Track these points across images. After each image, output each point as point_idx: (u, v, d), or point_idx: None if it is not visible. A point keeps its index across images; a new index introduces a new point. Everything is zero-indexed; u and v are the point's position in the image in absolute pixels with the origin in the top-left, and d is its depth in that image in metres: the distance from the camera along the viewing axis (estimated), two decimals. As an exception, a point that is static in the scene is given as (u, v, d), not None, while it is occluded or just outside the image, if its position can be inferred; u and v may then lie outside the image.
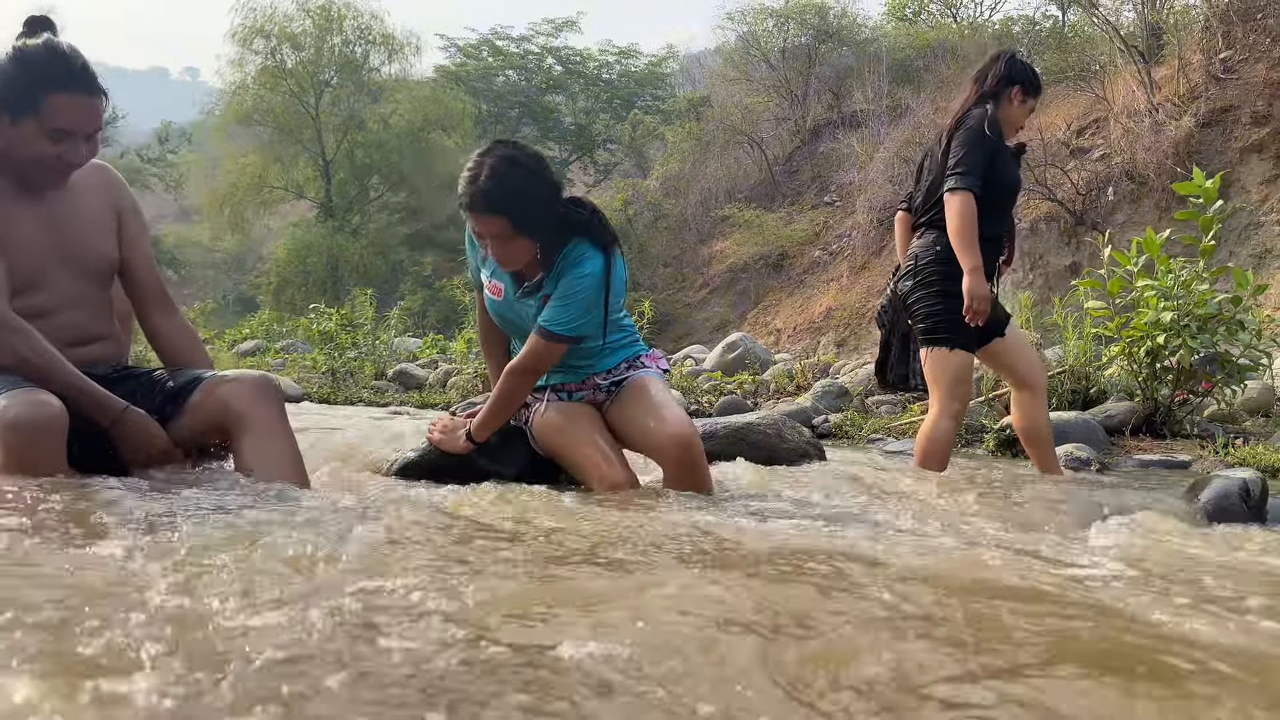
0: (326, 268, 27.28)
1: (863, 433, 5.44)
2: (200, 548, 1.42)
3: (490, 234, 2.51)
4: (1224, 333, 4.55)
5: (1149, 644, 1.12)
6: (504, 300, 2.79)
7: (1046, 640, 1.12)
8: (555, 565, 1.48)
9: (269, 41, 28.43)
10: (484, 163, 2.49)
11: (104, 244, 2.50)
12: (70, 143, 2.26)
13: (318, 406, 7.62)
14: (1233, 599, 1.39)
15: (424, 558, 1.48)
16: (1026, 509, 2.70)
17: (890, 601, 1.25)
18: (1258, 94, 11.80)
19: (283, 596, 1.16)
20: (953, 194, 3.23)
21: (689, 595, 1.26)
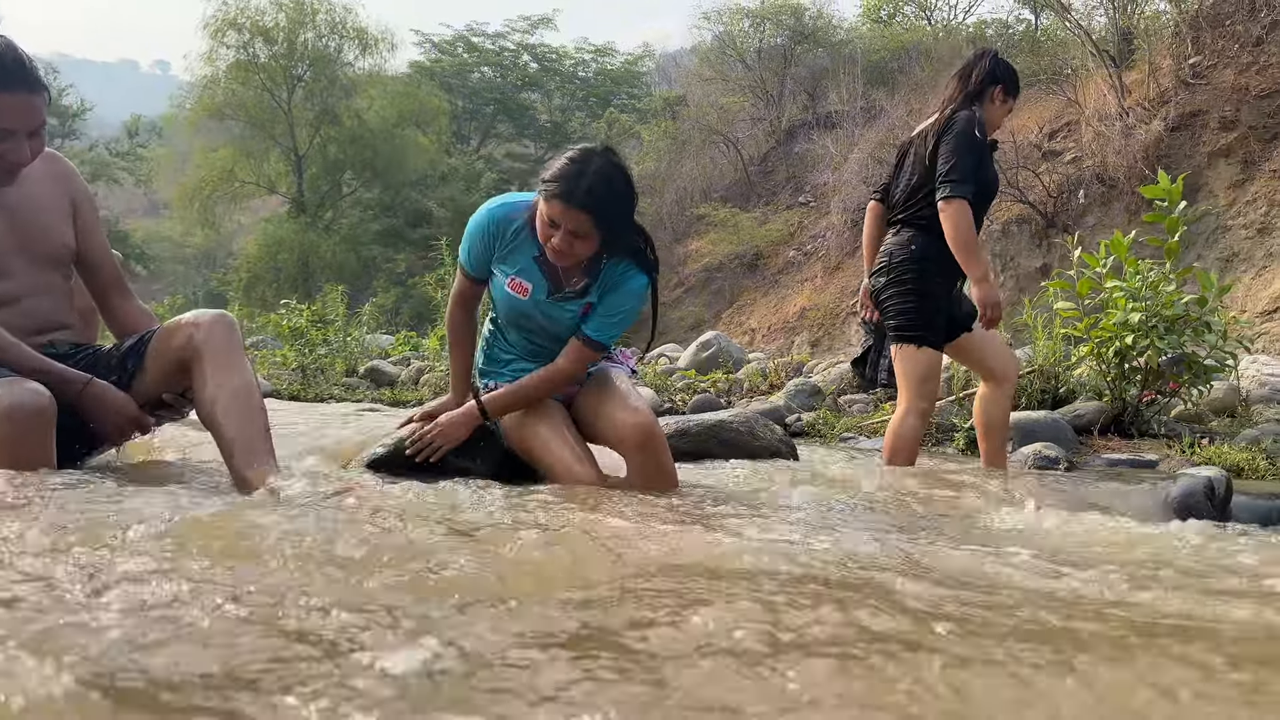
0: (298, 264, 27.07)
1: (835, 431, 5.45)
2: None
3: (569, 228, 2.51)
4: (1191, 334, 4.59)
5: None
6: (530, 300, 2.76)
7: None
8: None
9: (241, 35, 28.15)
10: (592, 160, 2.52)
11: (61, 233, 2.51)
12: (13, 141, 2.24)
13: (285, 403, 7.56)
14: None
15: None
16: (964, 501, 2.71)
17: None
18: (1226, 99, 11.96)
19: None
20: (948, 202, 3.20)
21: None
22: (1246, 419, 5.12)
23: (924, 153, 3.34)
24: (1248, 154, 11.40)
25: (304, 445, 3.35)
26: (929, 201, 3.30)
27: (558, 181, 2.50)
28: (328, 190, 30.62)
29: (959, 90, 3.42)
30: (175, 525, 1.54)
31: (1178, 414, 5.10)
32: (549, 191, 2.51)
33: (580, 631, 1.06)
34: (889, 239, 3.46)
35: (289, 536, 1.48)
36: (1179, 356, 4.60)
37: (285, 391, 8.50)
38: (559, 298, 2.76)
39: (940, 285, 3.36)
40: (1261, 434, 4.48)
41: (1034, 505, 2.45)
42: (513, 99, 35.12)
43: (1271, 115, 11.46)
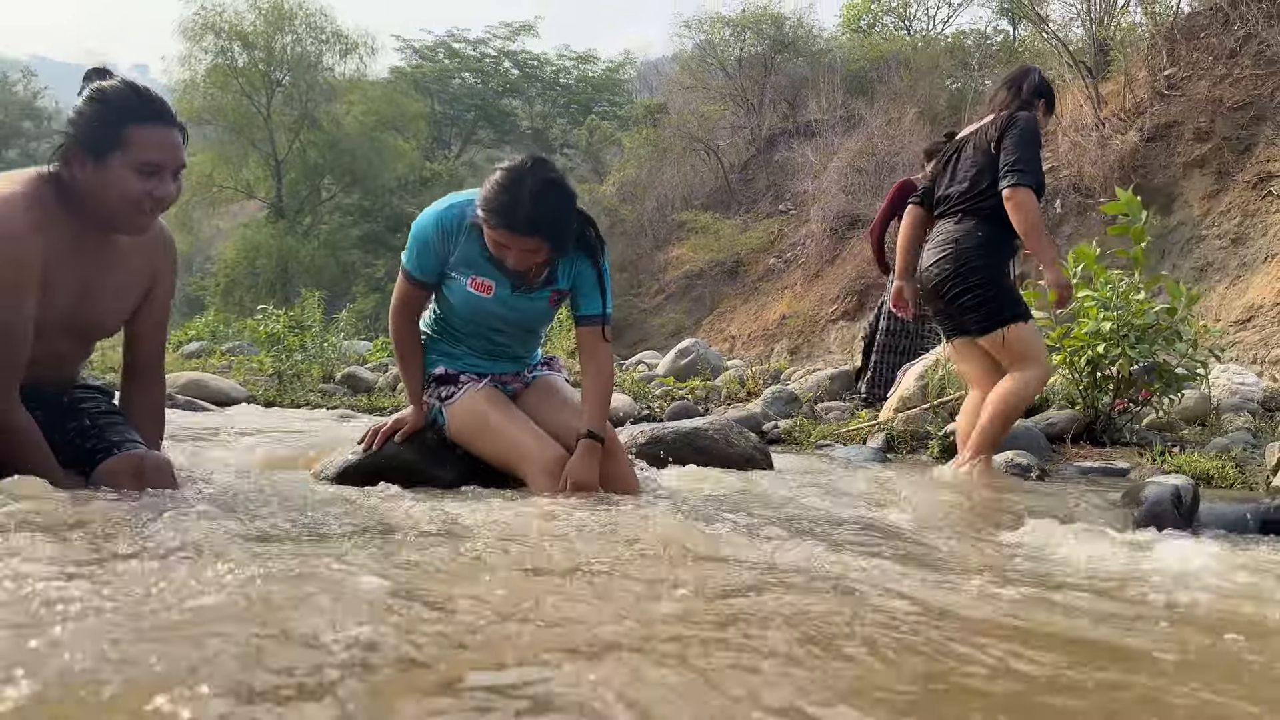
0: (276, 269, 26.89)
1: (811, 438, 5.46)
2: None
3: (522, 249, 2.55)
4: (1162, 343, 4.63)
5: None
6: (493, 298, 2.78)
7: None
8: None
9: (219, 39, 27.97)
10: (525, 182, 2.50)
11: (119, 314, 2.47)
12: (159, 178, 2.21)
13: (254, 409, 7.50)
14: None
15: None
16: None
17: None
18: (1200, 110, 12.08)
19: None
20: (1016, 189, 3.35)
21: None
22: (1217, 427, 5.16)
23: (984, 147, 3.50)
24: (1221, 165, 11.52)
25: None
26: (992, 192, 3.46)
27: (497, 213, 2.51)
28: (307, 195, 30.46)
29: (1011, 97, 3.62)
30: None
31: (1149, 422, 5.13)
32: (492, 221, 2.52)
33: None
34: (949, 227, 3.56)
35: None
36: (1150, 365, 4.63)
37: (261, 398, 8.43)
38: (524, 291, 2.79)
39: (1004, 270, 3.58)
40: (1232, 442, 4.52)
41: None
42: (494, 105, 35.08)
43: (1245, 126, 11.59)
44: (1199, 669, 1.14)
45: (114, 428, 2.45)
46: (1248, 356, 9.34)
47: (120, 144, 2.15)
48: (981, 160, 3.50)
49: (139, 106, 2.18)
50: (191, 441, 3.95)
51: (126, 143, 2.15)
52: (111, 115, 2.16)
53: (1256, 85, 11.74)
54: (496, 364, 2.96)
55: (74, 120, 2.18)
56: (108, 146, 2.15)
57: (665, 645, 1.07)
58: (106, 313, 2.42)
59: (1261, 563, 1.91)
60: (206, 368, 10.79)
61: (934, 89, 19.24)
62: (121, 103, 2.17)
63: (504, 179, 2.52)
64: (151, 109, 2.19)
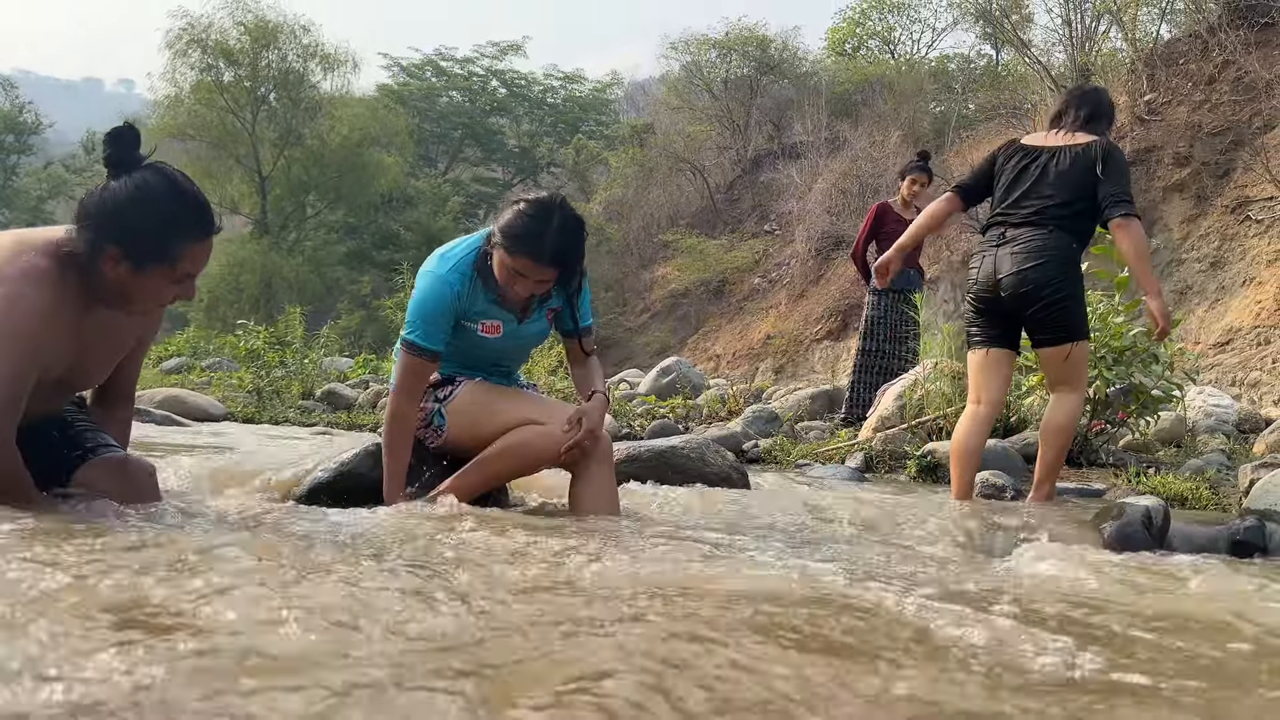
0: (260, 285, 26.75)
1: (790, 457, 5.45)
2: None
3: (537, 279, 2.62)
4: (1139, 365, 4.65)
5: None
6: (504, 335, 2.83)
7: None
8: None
9: (205, 55, 27.93)
10: (553, 216, 2.59)
11: (108, 371, 2.44)
12: (189, 281, 2.19)
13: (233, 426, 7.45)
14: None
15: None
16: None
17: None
18: (1179, 135, 12.21)
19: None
20: (1130, 220, 3.44)
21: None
22: (1192, 449, 5.19)
23: (1087, 166, 3.50)
24: (1200, 189, 11.63)
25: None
26: (1077, 213, 3.50)
27: (523, 240, 2.57)
28: (291, 211, 30.36)
29: (1092, 119, 3.65)
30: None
31: (1126, 444, 5.15)
32: (514, 249, 2.58)
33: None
34: (1039, 236, 3.49)
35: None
36: (1127, 387, 4.65)
37: (239, 414, 8.37)
38: (526, 319, 2.86)
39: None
40: (1206, 463, 4.54)
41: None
42: (481, 124, 35.15)
43: (1223, 152, 11.71)
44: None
45: (86, 434, 2.43)
46: (1226, 379, 9.40)
47: (172, 261, 2.10)
48: (1080, 179, 3.50)
49: (195, 225, 2.13)
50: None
51: (176, 258, 2.11)
52: (168, 233, 2.09)
53: (1235, 111, 11.88)
54: (491, 377, 2.97)
55: (111, 215, 2.06)
56: (156, 261, 2.09)
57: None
58: (97, 371, 2.41)
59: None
60: (186, 384, 10.72)
61: (918, 112, 19.39)
62: (178, 221, 2.10)
63: (532, 210, 2.60)
64: (205, 225, 2.14)
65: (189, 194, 2.14)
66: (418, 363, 2.70)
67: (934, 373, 5.53)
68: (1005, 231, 3.56)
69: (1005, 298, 3.52)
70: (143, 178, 2.09)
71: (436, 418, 2.87)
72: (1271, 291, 9.75)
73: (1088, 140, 3.56)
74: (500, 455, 2.70)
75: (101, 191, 2.09)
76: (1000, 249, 3.54)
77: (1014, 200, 3.58)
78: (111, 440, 2.44)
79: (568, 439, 2.66)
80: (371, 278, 29.09)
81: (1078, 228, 3.52)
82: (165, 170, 2.14)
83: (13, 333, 2.02)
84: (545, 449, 2.68)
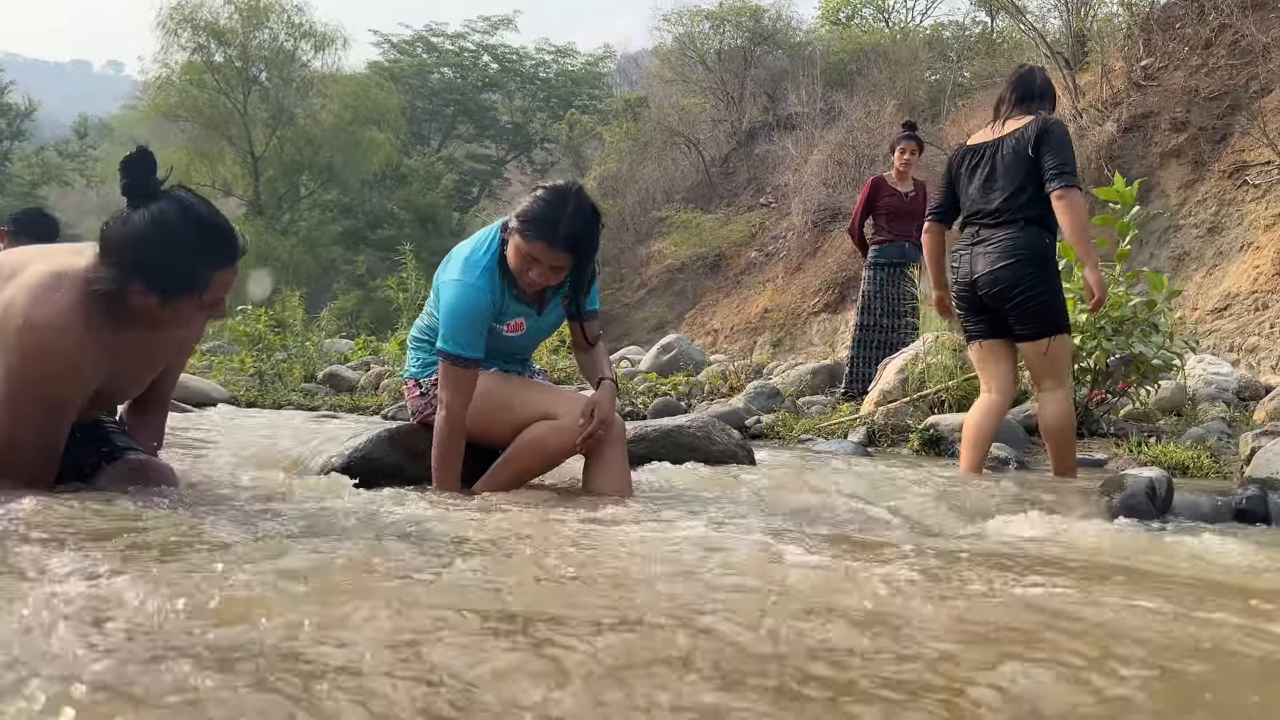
0: (256, 267, 26.68)
1: (793, 433, 5.49)
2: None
3: (551, 264, 2.65)
4: (1139, 335, 4.68)
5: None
6: (528, 330, 2.90)
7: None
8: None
9: (196, 35, 27.72)
10: (568, 202, 2.64)
11: (141, 387, 2.48)
12: (219, 304, 2.22)
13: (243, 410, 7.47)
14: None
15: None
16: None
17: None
18: (1176, 100, 12.18)
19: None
20: (1068, 190, 3.45)
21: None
22: (1193, 417, 5.23)
23: (1024, 152, 3.54)
24: (1198, 154, 11.61)
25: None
26: (1037, 198, 3.53)
27: (539, 224, 2.62)
28: (285, 192, 30.21)
29: (1027, 99, 3.70)
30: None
31: (1126, 413, 5.19)
32: (531, 233, 2.62)
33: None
34: (1012, 234, 3.56)
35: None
36: (1127, 357, 4.68)
37: (242, 398, 8.40)
38: (543, 311, 2.91)
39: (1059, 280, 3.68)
40: (1207, 432, 4.58)
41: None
42: (473, 100, 34.91)
43: (1220, 117, 11.69)
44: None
45: (109, 436, 2.47)
46: (1224, 345, 9.44)
47: (196, 289, 2.13)
48: (1025, 166, 3.55)
49: (218, 254, 2.14)
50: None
51: (203, 288, 2.13)
52: (193, 265, 2.10)
53: (1232, 75, 11.84)
54: (507, 366, 3.01)
55: (136, 252, 2.06)
56: (184, 292, 2.12)
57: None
58: (134, 386, 2.46)
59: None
60: (188, 368, 10.73)
61: (913, 81, 19.29)
62: (202, 252, 2.12)
63: (549, 196, 2.66)
64: (230, 252, 2.16)
65: (210, 223, 2.13)
66: (464, 373, 2.71)
67: (935, 346, 5.56)
68: (979, 231, 3.67)
69: (983, 295, 3.62)
70: (161, 211, 2.08)
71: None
72: (1269, 256, 9.77)
73: (1022, 124, 3.63)
74: (523, 452, 2.78)
75: (122, 226, 2.09)
76: (975, 248, 3.65)
77: (978, 201, 3.68)
78: (133, 444, 2.47)
79: (583, 431, 2.72)
80: (367, 257, 29.01)
81: (1042, 215, 3.55)
82: (184, 200, 2.13)
83: (49, 392, 2.08)
84: (562, 443, 2.76)
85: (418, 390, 3.05)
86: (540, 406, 2.81)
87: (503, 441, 2.91)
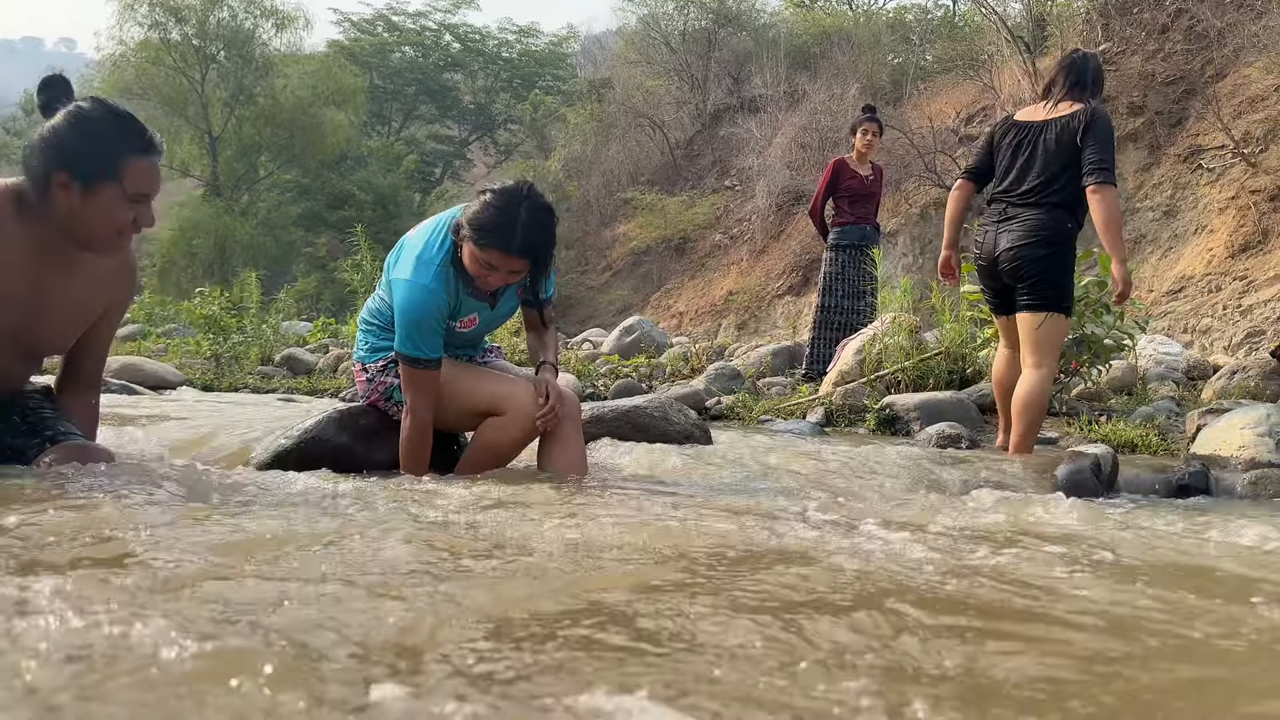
0: (214, 249, 26.30)
1: (753, 414, 5.50)
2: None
3: (508, 269, 2.59)
4: (1091, 315, 4.74)
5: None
6: (481, 322, 2.87)
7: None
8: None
9: (152, 11, 27.16)
10: (520, 207, 2.55)
11: (71, 334, 2.45)
12: (144, 206, 2.22)
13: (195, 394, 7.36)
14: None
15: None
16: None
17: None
18: (1133, 85, 12.32)
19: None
20: (1104, 187, 3.55)
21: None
22: (1143, 396, 5.31)
23: (1069, 141, 3.64)
24: (1154, 139, 11.77)
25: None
26: (1069, 185, 3.63)
27: (492, 232, 2.54)
28: (244, 173, 29.77)
29: (1078, 86, 3.74)
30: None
31: (1078, 393, 5.26)
32: (484, 242, 2.55)
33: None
34: (1039, 215, 3.67)
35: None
36: (1079, 337, 4.74)
37: (198, 381, 8.27)
38: (496, 304, 2.87)
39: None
40: (1155, 411, 4.65)
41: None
42: (435, 80, 34.54)
43: (1176, 101, 11.85)
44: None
45: (47, 421, 2.43)
46: (1179, 326, 9.60)
47: (116, 175, 2.15)
48: (1066, 154, 3.65)
49: (135, 139, 2.19)
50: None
51: (122, 174, 2.15)
52: (108, 146, 2.15)
53: (1187, 60, 12.00)
54: (458, 353, 2.99)
55: (52, 142, 2.15)
56: (101, 177, 2.14)
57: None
58: (57, 333, 2.41)
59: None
60: (142, 351, 10.56)
61: (875, 64, 19.33)
62: (117, 134, 2.17)
63: (499, 202, 2.56)
64: (146, 140, 2.21)
65: (124, 113, 2.23)
66: (424, 374, 2.69)
67: (893, 327, 5.60)
68: (1006, 209, 3.77)
69: (1003, 271, 3.73)
70: (76, 105, 2.19)
71: (397, 393, 2.89)
72: (1223, 239, 9.93)
73: (1072, 110, 3.69)
74: (477, 457, 2.79)
75: (40, 130, 2.18)
76: (1001, 225, 3.76)
77: (1012, 179, 3.78)
78: (74, 429, 2.44)
79: (540, 413, 2.73)
80: (327, 239, 28.68)
81: (1072, 201, 3.66)
82: (98, 97, 2.24)
83: None
84: (512, 439, 2.78)
85: (364, 375, 3.03)
86: (490, 389, 2.80)
87: (455, 428, 2.92)
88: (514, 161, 30.79)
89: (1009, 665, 1.00)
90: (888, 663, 0.99)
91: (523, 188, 2.61)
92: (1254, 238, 9.62)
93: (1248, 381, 5.08)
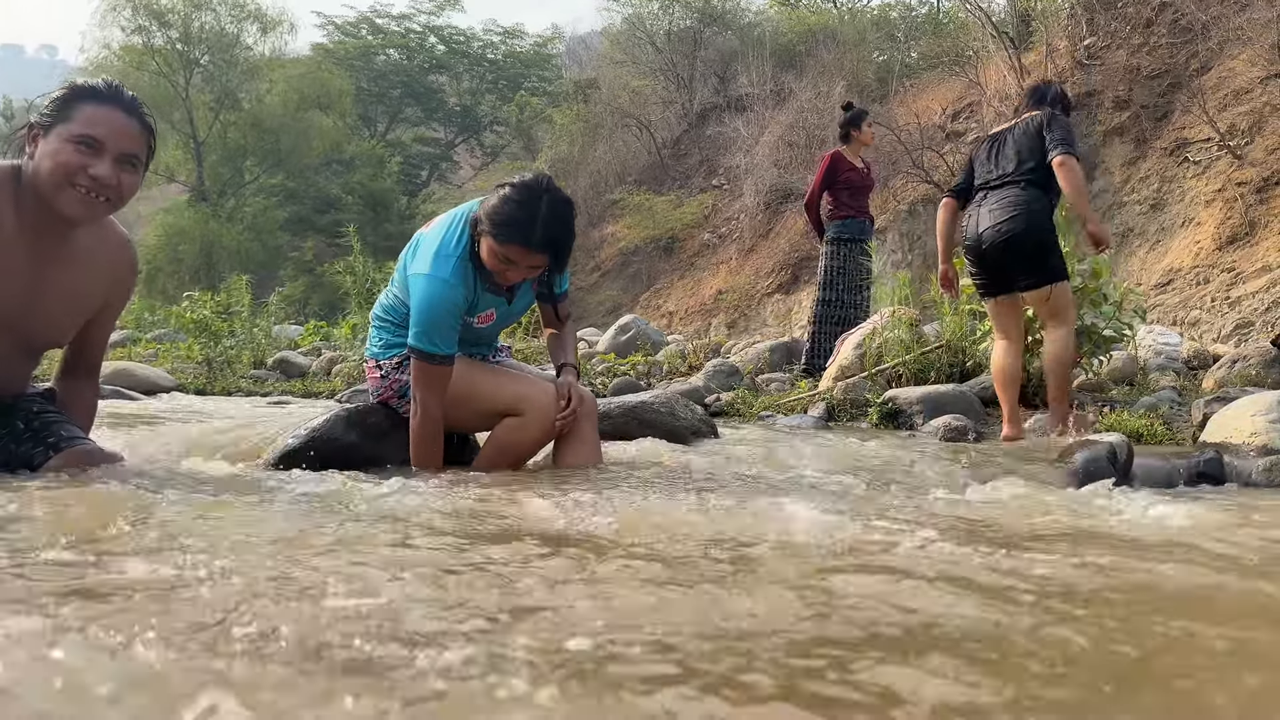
0: (200, 254, 26.17)
1: (754, 410, 5.50)
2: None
3: (528, 264, 2.56)
4: (1089, 305, 4.75)
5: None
6: (498, 318, 2.86)
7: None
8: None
9: (135, 15, 27.00)
10: (541, 200, 2.51)
11: (69, 327, 2.42)
12: (97, 155, 2.13)
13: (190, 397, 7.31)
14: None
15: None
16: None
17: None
18: (1119, 79, 12.38)
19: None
20: (1067, 157, 3.92)
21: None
22: (1145, 387, 5.33)
23: (1033, 132, 4.09)
24: (1140, 132, 11.83)
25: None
26: (1039, 167, 4.01)
27: (513, 227, 2.50)
28: (229, 177, 29.63)
29: (1038, 102, 4.28)
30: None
31: (1080, 384, 5.27)
32: (504, 237, 2.51)
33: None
34: (1014, 192, 4.03)
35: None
36: (1079, 328, 4.75)
37: (190, 386, 8.21)
38: (515, 298, 2.87)
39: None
40: (1159, 400, 4.67)
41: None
42: (420, 82, 34.43)
43: (1161, 94, 11.91)
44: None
45: (52, 426, 2.40)
46: (1168, 319, 9.64)
47: (67, 118, 2.14)
48: (1032, 143, 4.06)
49: (97, 89, 2.19)
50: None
51: (72, 116, 2.13)
52: (69, 95, 2.17)
53: (1172, 54, 12.07)
54: (473, 350, 2.96)
55: (39, 107, 2.20)
56: (55, 121, 2.14)
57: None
58: (55, 325, 2.37)
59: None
60: (133, 356, 10.48)
61: (861, 61, 19.37)
62: (81, 85, 2.19)
63: (518, 195, 2.52)
64: (109, 93, 2.19)
65: (109, 80, 2.25)
66: (438, 370, 2.65)
67: (892, 320, 5.61)
68: (986, 194, 4.14)
69: (987, 249, 4.04)
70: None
71: (409, 390, 2.86)
72: (1210, 231, 9.99)
73: (1034, 114, 4.19)
74: (501, 452, 2.77)
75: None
76: (982, 206, 4.12)
77: (988, 171, 4.19)
78: (79, 432, 2.41)
79: (559, 414, 2.73)
80: (314, 243, 28.55)
81: (1044, 181, 4.01)
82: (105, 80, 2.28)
83: None
84: (529, 440, 2.77)
85: (378, 372, 3.00)
86: (509, 390, 2.77)
87: (471, 428, 2.90)
88: (500, 163, 30.77)
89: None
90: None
91: (542, 181, 2.57)
92: (1241, 230, 9.68)
93: (1249, 370, 5.11)
